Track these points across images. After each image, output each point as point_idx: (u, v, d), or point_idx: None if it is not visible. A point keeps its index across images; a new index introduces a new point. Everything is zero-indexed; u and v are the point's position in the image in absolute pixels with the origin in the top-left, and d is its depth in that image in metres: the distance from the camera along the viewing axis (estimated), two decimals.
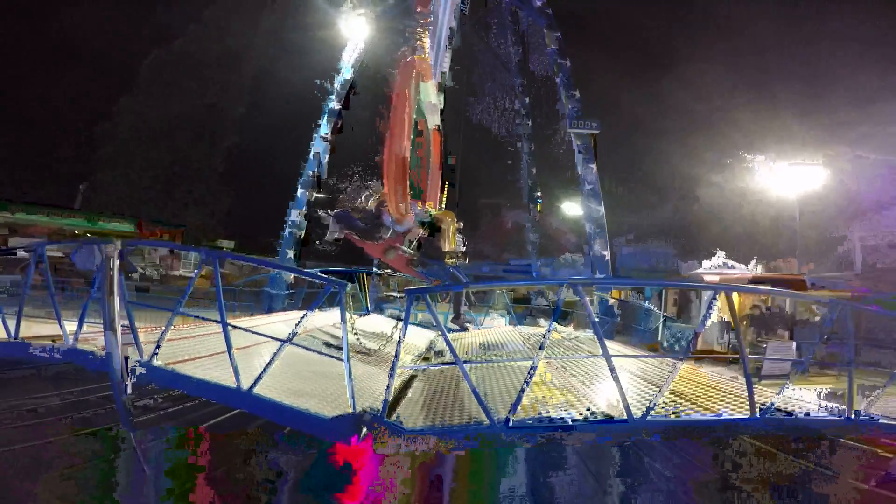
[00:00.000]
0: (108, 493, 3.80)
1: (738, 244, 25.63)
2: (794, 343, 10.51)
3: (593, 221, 12.36)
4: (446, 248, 7.41)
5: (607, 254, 12.30)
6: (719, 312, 12.02)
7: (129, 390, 3.98)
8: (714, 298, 5.34)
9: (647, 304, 16.46)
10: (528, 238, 26.31)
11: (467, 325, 8.23)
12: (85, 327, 4.70)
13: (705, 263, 15.14)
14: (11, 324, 5.16)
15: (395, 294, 22.09)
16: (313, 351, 4.14)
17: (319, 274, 4.33)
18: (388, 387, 3.71)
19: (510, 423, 3.60)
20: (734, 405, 4.14)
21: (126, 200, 32.58)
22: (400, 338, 3.84)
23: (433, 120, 8.63)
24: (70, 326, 4.83)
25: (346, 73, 14.05)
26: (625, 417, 3.60)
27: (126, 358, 4.06)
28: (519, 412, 3.71)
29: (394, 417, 3.90)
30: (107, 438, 4.67)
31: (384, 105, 6.12)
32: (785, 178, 18.42)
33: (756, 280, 12.75)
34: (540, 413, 3.87)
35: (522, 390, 3.69)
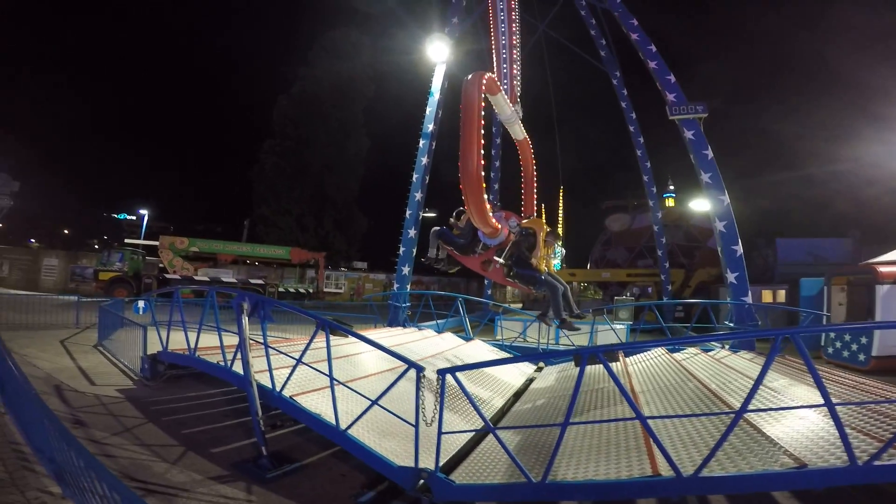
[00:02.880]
0: (238, 468, 4.62)
1: None
2: None
3: (720, 215, 10.95)
4: (539, 255, 7.26)
5: (739, 248, 10.74)
6: None
7: (261, 413, 4.94)
8: None
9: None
10: (657, 242, 24.12)
11: (576, 328, 7.81)
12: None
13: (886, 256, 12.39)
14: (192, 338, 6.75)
15: (510, 307, 22.20)
16: (391, 413, 4.51)
17: (398, 354, 4.75)
18: (437, 449, 3.97)
19: (546, 482, 3.58)
20: None
21: (279, 230, 38.07)
22: (440, 409, 4.00)
23: (517, 132, 8.58)
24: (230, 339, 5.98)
25: (435, 95, 14.69)
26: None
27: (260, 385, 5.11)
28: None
29: (459, 469, 4.22)
30: (246, 428, 5.62)
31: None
32: None
33: None
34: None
35: (556, 447, 3.62)
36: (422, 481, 3.99)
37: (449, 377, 4.13)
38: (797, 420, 4.13)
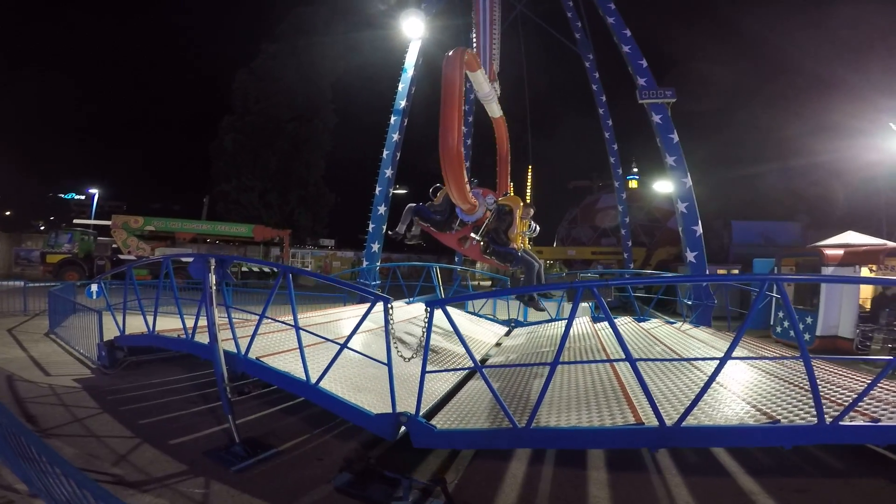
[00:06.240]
0: (207, 457, 4.50)
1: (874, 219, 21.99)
2: None
3: (682, 196, 11.35)
4: (515, 232, 7.31)
5: (699, 229, 11.22)
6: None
7: (227, 378, 4.73)
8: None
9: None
10: (621, 221, 24.77)
11: (542, 307, 8.00)
12: (201, 321, 5.58)
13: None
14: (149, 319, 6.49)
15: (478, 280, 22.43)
16: (362, 354, 4.49)
17: (363, 286, 4.68)
18: (419, 391, 3.90)
19: (531, 427, 3.55)
20: None
21: (241, 208, 36.76)
22: (426, 345, 3.96)
23: (494, 110, 8.53)
24: (190, 321, 5.91)
25: (409, 71, 14.36)
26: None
27: (225, 351, 4.86)
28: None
29: (439, 416, 4.18)
30: (216, 415, 5.47)
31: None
32: None
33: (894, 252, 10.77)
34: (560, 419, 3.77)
35: (543, 390, 3.61)
36: (403, 428, 3.86)
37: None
38: (759, 383, 4.41)
